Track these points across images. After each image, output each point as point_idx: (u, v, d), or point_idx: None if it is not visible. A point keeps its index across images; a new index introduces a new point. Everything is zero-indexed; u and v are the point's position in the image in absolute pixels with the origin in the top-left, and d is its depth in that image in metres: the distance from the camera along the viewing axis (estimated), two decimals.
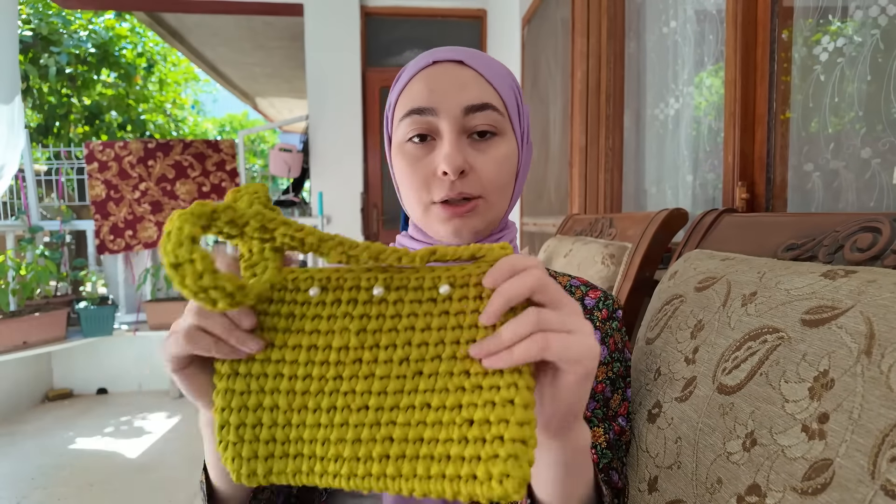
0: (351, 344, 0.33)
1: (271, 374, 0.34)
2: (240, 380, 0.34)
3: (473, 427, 0.30)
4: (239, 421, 0.33)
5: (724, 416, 0.47)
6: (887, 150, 0.77)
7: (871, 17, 0.79)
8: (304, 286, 0.34)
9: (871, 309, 0.40)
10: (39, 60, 4.26)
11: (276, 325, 0.34)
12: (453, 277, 0.33)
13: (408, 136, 0.50)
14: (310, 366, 0.33)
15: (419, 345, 0.33)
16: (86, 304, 2.68)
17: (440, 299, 0.33)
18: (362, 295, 0.33)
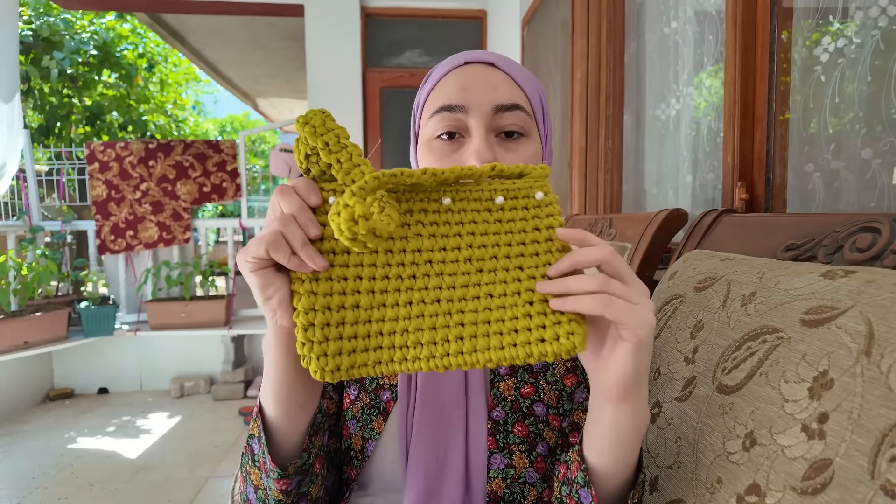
0: (423, 247, 0.38)
1: (352, 276, 0.37)
2: (322, 282, 0.36)
3: (535, 305, 0.36)
4: (325, 320, 0.36)
5: (723, 416, 0.47)
6: (887, 150, 0.77)
7: (871, 17, 0.79)
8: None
9: (871, 309, 0.40)
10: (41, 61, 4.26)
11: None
12: (506, 191, 0.40)
13: (436, 133, 0.51)
14: (387, 267, 0.38)
15: (480, 247, 0.39)
16: (87, 304, 2.68)
17: (495, 208, 0.40)
18: (432, 205, 0.39)
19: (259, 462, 0.44)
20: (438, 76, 0.52)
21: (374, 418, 0.52)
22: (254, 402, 2.83)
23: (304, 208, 0.37)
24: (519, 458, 0.50)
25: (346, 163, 0.37)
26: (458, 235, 0.39)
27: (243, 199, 2.96)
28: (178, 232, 2.89)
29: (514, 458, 0.50)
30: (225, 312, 2.81)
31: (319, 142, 0.36)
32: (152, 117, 5.74)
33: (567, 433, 0.52)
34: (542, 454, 0.50)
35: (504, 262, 0.38)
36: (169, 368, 3.05)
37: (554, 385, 0.54)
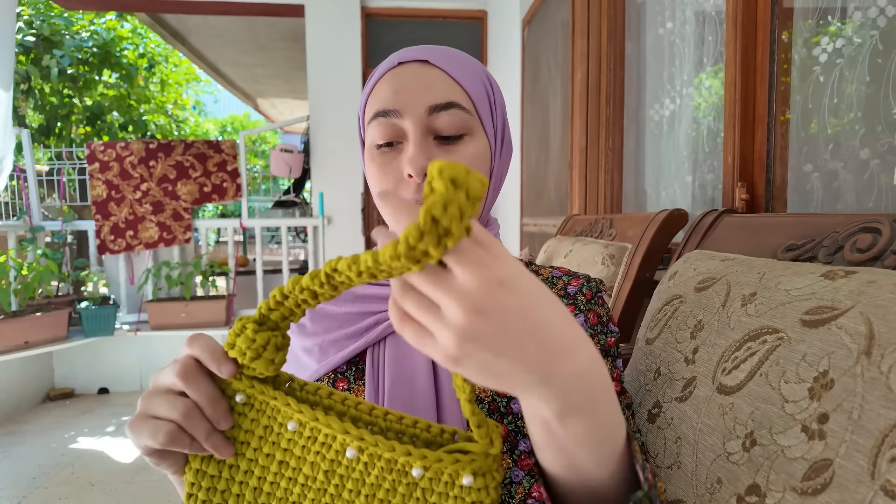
0: (318, 477, 0.35)
1: (243, 467, 0.36)
2: (213, 464, 0.36)
3: None
4: (206, 498, 0.36)
5: (723, 417, 0.47)
6: (886, 150, 0.77)
7: (870, 18, 0.79)
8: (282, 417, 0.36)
9: (871, 309, 0.40)
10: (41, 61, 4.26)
11: (254, 429, 0.36)
12: (427, 465, 0.33)
13: (376, 142, 0.50)
14: (278, 476, 0.36)
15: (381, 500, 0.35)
16: (87, 304, 2.68)
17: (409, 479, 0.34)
18: (336, 445, 0.35)
19: None
20: (375, 80, 0.51)
21: None
22: None
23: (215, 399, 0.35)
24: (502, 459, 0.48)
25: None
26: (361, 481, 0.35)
27: (244, 199, 2.96)
28: (178, 232, 2.89)
29: None
30: (225, 312, 2.81)
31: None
32: (153, 117, 5.74)
33: None
34: (525, 450, 0.48)
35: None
36: None
37: None
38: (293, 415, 0.35)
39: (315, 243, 3.12)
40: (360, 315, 0.54)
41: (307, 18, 3.11)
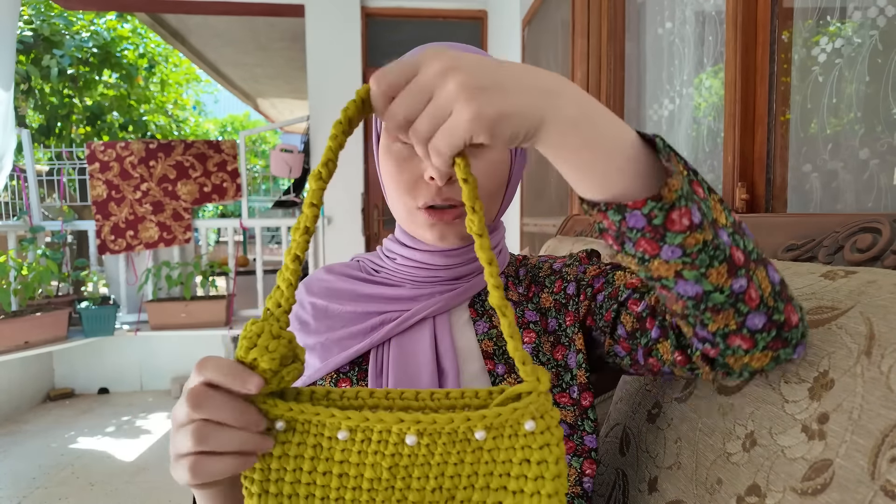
0: (383, 476, 0.34)
1: (303, 494, 0.35)
2: (271, 498, 0.35)
3: None
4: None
5: (723, 417, 0.47)
6: (886, 150, 0.77)
7: (869, 17, 0.79)
8: (329, 430, 0.34)
9: (871, 309, 0.40)
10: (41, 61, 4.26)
11: (303, 453, 0.35)
12: (489, 423, 0.33)
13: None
14: (342, 490, 0.34)
15: (452, 476, 0.34)
16: (87, 304, 2.68)
17: (473, 443, 0.34)
18: (393, 438, 0.34)
19: None
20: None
21: None
22: None
23: (240, 409, 0.33)
24: None
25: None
26: (427, 465, 0.34)
27: (244, 199, 2.96)
28: (178, 232, 2.89)
29: None
30: (225, 312, 2.81)
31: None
32: (153, 117, 5.74)
33: (577, 407, 0.51)
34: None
35: (480, 495, 0.34)
36: (169, 368, 3.05)
37: (547, 364, 0.52)
38: (341, 424, 0.34)
39: (315, 243, 3.12)
40: (363, 315, 0.54)
41: (307, 18, 3.11)
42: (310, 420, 0.34)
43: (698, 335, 0.40)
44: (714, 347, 0.39)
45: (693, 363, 0.42)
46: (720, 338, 0.38)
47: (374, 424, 0.33)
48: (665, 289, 0.38)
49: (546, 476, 0.33)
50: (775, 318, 0.38)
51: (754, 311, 0.37)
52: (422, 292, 0.53)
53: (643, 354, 0.47)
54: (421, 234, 0.51)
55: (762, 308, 0.37)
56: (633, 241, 0.35)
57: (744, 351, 0.38)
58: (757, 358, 0.39)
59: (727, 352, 0.39)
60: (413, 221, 0.51)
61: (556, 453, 0.33)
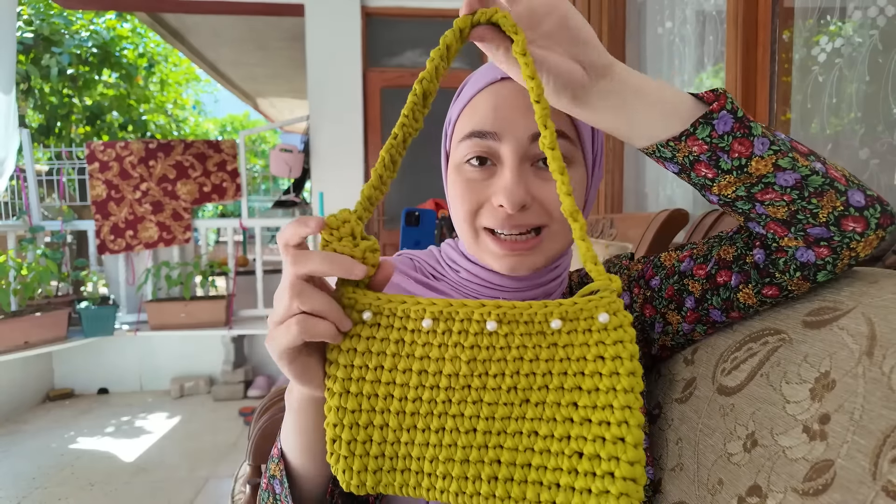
0: (461, 372, 0.34)
1: (382, 394, 0.35)
2: (351, 398, 0.35)
3: (583, 460, 0.32)
4: (350, 437, 0.35)
5: (724, 418, 0.47)
6: (886, 150, 0.77)
7: (869, 17, 0.79)
8: (415, 316, 0.35)
9: (873, 310, 0.40)
10: (41, 61, 4.26)
11: (386, 349, 0.35)
12: (565, 312, 0.34)
13: (466, 158, 0.46)
14: (420, 389, 0.35)
15: (527, 374, 0.34)
16: (87, 304, 2.68)
17: (550, 332, 0.34)
18: (474, 327, 0.34)
19: (281, 502, 0.43)
20: (471, 93, 0.47)
21: None
22: (254, 403, 2.83)
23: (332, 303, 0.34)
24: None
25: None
26: (503, 360, 0.34)
27: (243, 199, 2.96)
28: (178, 232, 2.89)
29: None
30: (225, 312, 2.81)
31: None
32: (152, 117, 5.74)
33: None
34: None
35: (555, 395, 0.34)
36: (169, 368, 3.05)
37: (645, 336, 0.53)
38: (425, 311, 0.35)
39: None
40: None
41: (307, 18, 3.11)
42: (395, 311, 0.35)
43: (811, 237, 0.40)
44: (829, 244, 0.40)
45: (788, 289, 0.43)
46: (834, 227, 0.39)
47: (457, 309, 0.34)
48: (769, 190, 0.39)
49: (621, 372, 0.32)
50: (870, 193, 0.39)
51: (848, 188, 0.39)
52: None
53: (722, 312, 0.47)
54: (489, 263, 0.48)
55: (853, 185, 0.39)
56: (727, 148, 0.38)
57: (858, 235, 0.39)
58: (869, 241, 0.40)
59: (843, 241, 0.39)
60: (479, 246, 0.48)
61: (631, 350, 0.33)
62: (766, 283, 0.44)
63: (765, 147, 0.38)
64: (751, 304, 0.46)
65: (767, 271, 0.44)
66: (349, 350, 0.35)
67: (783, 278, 0.43)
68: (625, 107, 0.39)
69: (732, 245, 0.46)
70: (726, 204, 0.43)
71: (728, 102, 0.38)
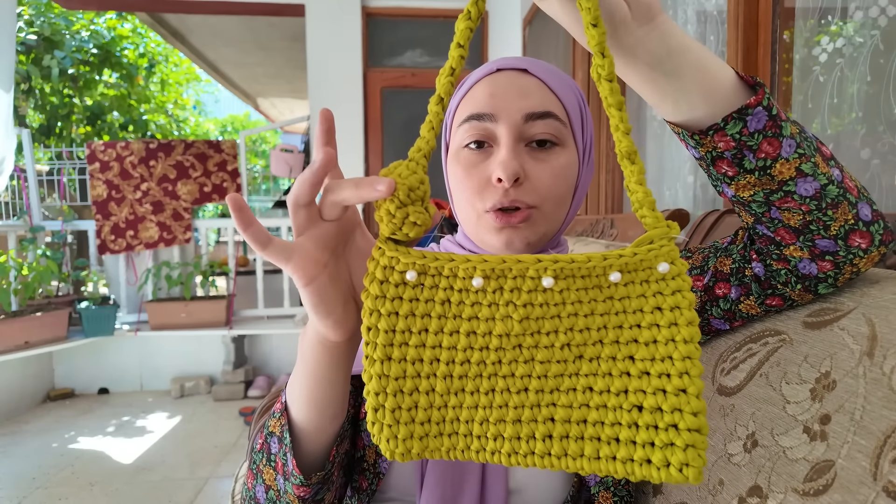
0: (513, 331, 0.32)
1: (427, 359, 0.33)
2: (394, 365, 0.33)
3: (644, 413, 0.31)
4: (394, 405, 0.33)
5: (724, 418, 0.47)
6: (887, 150, 0.77)
7: (871, 17, 0.79)
8: (464, 274, 0.33)
9: (873, 310, 0.39)
10: (41, 61, 4.26)
11: (431, 311, 0.33)
12: (625, 264, 0.32)
13: (464, 143, 0.48)
14: (469, 351, 0.33)
15: (581, 330, 0.33)
16: (87, 304, 2.68)
17: (606, 285, 0.32)
18: (528, 284, 0.32)
19: (277, 463, 0.43)
20: (470, 84, 0.50)
21: None
22: (254, 403, 2.83)
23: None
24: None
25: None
26: (557, 318, 0.32)
27: (244, 199, 2.96)
28: (178, 232, 2.89)
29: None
30: (225, 312, 2.81)
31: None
32: (153, 117, 5.74)
33: None
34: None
35: (611, 350, 0.32)
36: (169, 368, 3.05)
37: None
38: (476, 268, 0.32)
39: None
40: None
41: (307, 18, 3.11)
42: (442, 269, 0.33)
43: (817, 249, 0.41)
44: (833, 258, 0.41)
45: (791, 299, 0.44)
46: (842, 240, 0.40)
47: (511, 266, 0.32)
48: (788, 199, 0.39)
49: (680, 322, 0.31)
50: (875, 208, 0.40)
51: (859, 200, 0.40)
52: None
53: (724, 320, 0.49)
54: (487, 240, 0.50)
55: (863, 198, 0.40)
56: (756, 147, 0.38)
57: (863, 251, 0.40)
58: (870, 258, 0.40)
59: (848, 257, 0.40)
60: (480, 226, 0.49)
61: (690, 298, 0.31)
62: (769, 294, 0.45)
63: (792, 149, 0.38)
64: (754, 314, 0.47)
65: (769, 283, 0.44)
66: (391, 314, 0.33)
67: (785, 290, 0.44)
68: (662, 64, 0.38)
69: (729, 257, 0.47)
70: (740, 203, 0.43)
71: (765, 98, 0.37)
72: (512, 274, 0.32)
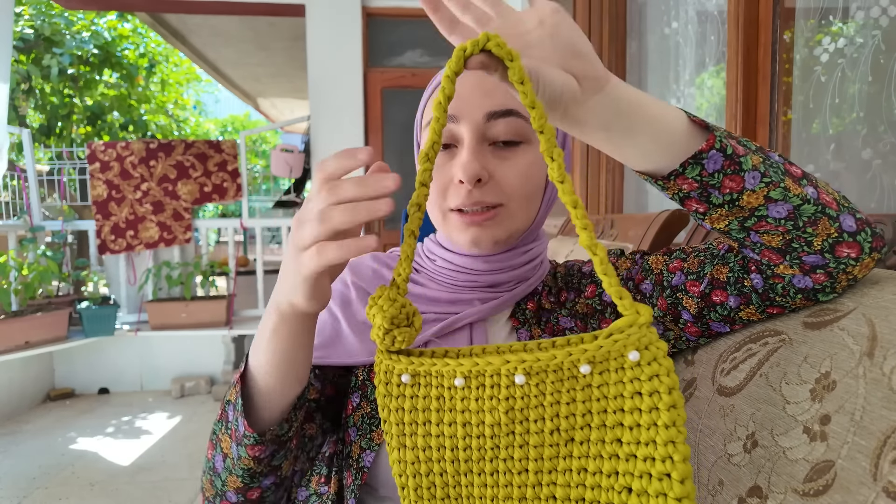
0: (502, 421, 0.35)
1: (434, 446, 0.37)
2: (408, 451, 0.38)
3: (632, 496, 0.33)
4: (416, 484, 0.38)
5: (724, 418, 0.47)
6: (888, 150, 0.77)
7: (872, 17, 0.79)
8: (447, 375, 0.36)
9: (873, 311, 0.39)
10: (42, 61, 4.26)
11: (429, 405, 0.37)
12: (592, 356, 0.34)
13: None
14: (468, 439, 0.37)
15: (567, 416, 0.35)
16: (87, 304, 2.68)
17: (581, 376, 0.34)
18: (504, 381, 0.35)
19: (231, 430, 0.43)
20: (432, 88, 0.52)
21: (373, 429, 0.51)
22: None
23: (364, 189, 0.34)
24: None
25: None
26: (541, 406, 0.35)
27: (244, 199, 2.96)
28: (178, 232, 2.89)
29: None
30: (226, 312, 2.81)
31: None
32: (153, 117, 5.74)
33: None
34: None
35: (599, 433, 0.34)
36: (169, 368, 3.05)
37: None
38: (455, 371, 0.36)
39: None
40: (436, 316, 0.54)
41: (308, 18, 3.11)
42: (429, 371, 0.37)
43: (806, 265, 0.41)
44: (825, 270, 0.41)
45: (792, 307, 0.45)
46: (829, 253, 0.40)
47: (484, 367, 0.35)
48: (762, 223, 0.40)
49: (660, 407, 0.32)
50: (860, 217, 0.40)
51: (840, 212, 0.39)
52: (461, 297, 0.53)
53: (725, 324, 0.48)
54: (455, 238, 0.51)
55: (844, 209, 0.40)
56: (719, 185, 0.39)
57: (853, 260, 0.40)
58: (864, 265, 0.41)
59: (839, 267, 0.40)
60: (447, 225, 0.51)
61: (668, 382, 0.32)
62: (769, 305, 0.45)
63: (756, 180, 0.38)
64: (755, 320, 0.48)
65: (768, 295, 0.44)
66: (398, 409, 0.38)
67: (785, 300, 0.44)
68: (614, 126, 0.39)
69: (726, 265, 0.46)
70: (720, 232, 0.43)
71: (717, 141, 0.38)
72: (487, 373, 0.35)
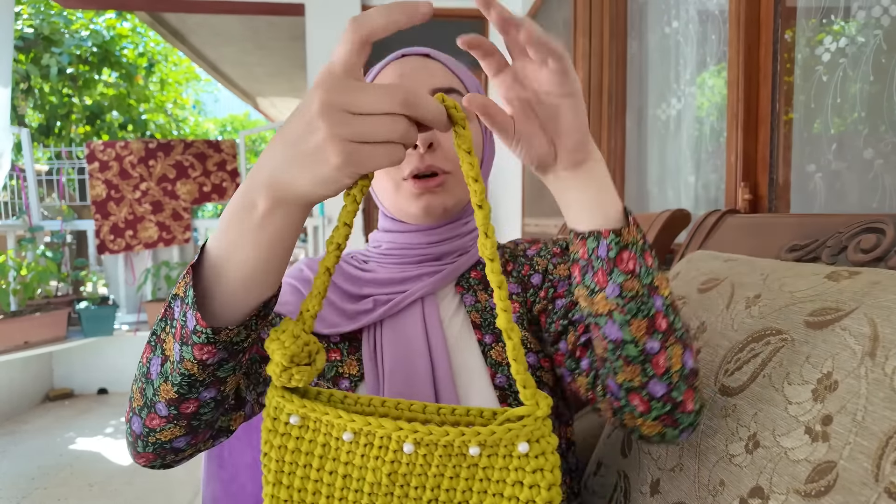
0: (383, 482, 0.36)
1: (311, 490, 0.37)
2: (283, 489, 0.38)
3: None
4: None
5: (726, 418, 0.47)
6: (890, 150, 0.77)
7: (873, 17, 0.78)
8: (337, 426, 0.36)
9: (875, 311, 0.39)
10: (41, 60, 4.26)
11: (313, 450, 0.37)
12: (483, 440, 0.34)
13: None
14: (345, 490, 0.37)
15: (448, 489, 0.35)
16: (86, 304, 2.68)
17: (469, 456, 0.35)
18: (393, 445, 0.35)
19: (177, 328, 0.36)
20: (377, 70, 0.55)
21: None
22: None
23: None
24: None
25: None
26: (423, 475, 0.35)
27: None
28: (177, 232, 2.89)
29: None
30: None
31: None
32: (152, 117, 5.74)
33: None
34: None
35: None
36: None
37: (534, 331, 0.55)
38: (346, 425, 0.36)
39: (315, 243, 3.12)
40: (357, 296, 0.55)
41: (307, 17, 3.11)
42: (320, 419, 0.36)
43: (607, 386, 0.44)
44: (617, 401, 0.44)
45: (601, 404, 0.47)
46: (624, 391, 0.43)
47: (375, 429, 0.35)
48: (597, 326, 0.42)
49: (538, 501, 0.34)
50: (674, 395, 0.42)
51: (658, 378, 0.41)
52: (409, 274, 0.55)
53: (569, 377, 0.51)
54: (407, 208, 0.53)
55: (665, 379, 0.41)
56: (595, 270, 0.40)
57: (639, 413, 0.43)
58: (648, 426, 0.43)
59: (626, 408, 0.43)
60: (399, 195, 0.53)
61: (549, 479, 0.34)
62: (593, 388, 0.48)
63: (614, 294, 0.40)
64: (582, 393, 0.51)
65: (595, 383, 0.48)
66: (280, 447, 0.37)
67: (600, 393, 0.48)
68: (577, 198, 0.41)
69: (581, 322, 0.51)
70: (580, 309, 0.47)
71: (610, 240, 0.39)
72: (378, 435, 0.35)
